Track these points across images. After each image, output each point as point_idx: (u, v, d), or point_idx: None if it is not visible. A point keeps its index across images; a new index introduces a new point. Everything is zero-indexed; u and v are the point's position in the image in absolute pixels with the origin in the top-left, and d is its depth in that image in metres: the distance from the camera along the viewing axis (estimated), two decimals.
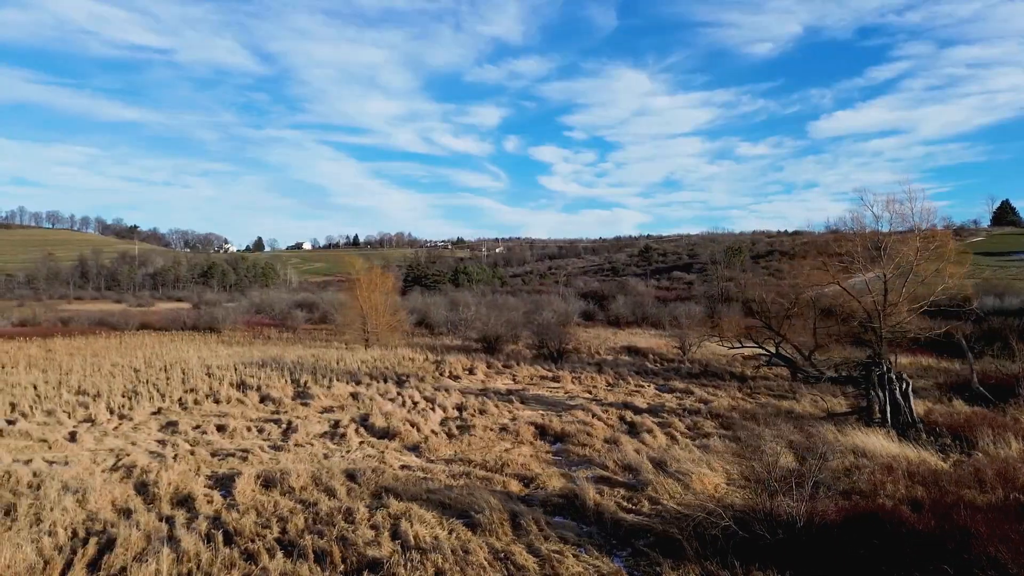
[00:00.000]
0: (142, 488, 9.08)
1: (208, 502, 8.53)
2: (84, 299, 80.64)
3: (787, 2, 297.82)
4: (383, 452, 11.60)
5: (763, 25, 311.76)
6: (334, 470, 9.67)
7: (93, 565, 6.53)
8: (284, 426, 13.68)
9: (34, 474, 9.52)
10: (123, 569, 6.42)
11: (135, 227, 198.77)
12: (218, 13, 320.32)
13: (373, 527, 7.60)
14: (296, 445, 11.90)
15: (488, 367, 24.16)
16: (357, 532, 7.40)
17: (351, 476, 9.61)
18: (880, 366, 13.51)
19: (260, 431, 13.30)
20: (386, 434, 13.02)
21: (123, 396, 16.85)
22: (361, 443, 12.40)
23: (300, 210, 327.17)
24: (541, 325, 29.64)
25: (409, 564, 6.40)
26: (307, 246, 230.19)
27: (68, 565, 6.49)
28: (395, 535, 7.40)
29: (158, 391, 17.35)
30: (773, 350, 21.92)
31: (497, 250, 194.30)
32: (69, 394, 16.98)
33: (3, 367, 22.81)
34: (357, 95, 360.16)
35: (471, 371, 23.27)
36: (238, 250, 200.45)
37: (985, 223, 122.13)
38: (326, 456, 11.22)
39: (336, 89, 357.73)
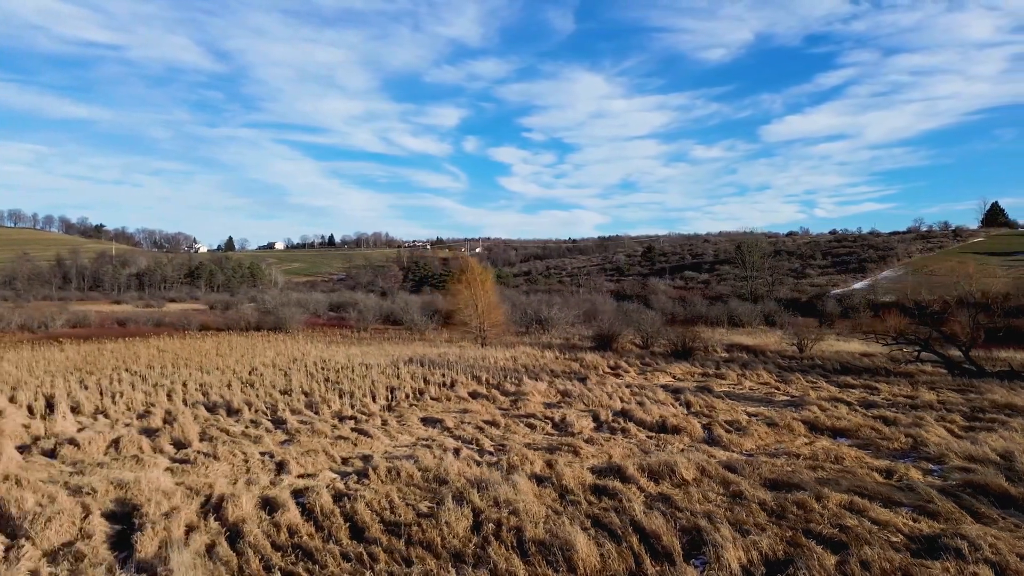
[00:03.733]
0: (541, 480, 9.07)
1: (632, 493, 8.55)
2: (70, 300, 75.70)
3: (739, 9, 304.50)
4: (690, 446, 11.67)
5: (716, 31, 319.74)
6: (712, 462, 9.72)
7: (638, 557, 6.56)
8: (548, 421, 13.69)
9: (420, 469, 9.48)
10: (686, 558, 6.48)
11: (101, 226, 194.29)
12: (172, 10, 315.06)
13: (843, 516, 7.68)
14: (605, 440, 11.92)
15: (628, 364, 24.24)
16: (844, 521, 7.49)
17: (729, 468, 9.66)
18: None
19: (531, 427, 13.28)
20: (662, 428, 13.07)
21: (330, 393, 16.73)
22: (649, 437, 12.44)
23: (255, 210, 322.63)
24: (654, 323, 29.90)
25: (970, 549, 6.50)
26: (279, 246, 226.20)
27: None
28: (874, 523, 7.51)
29: (361, 390, 17.25)
30: (922, 346, 22.29)
31: (476, 250, 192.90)
32: (275, 392, 16.85)
33: (151, 368, 22.55)
34: (314, 94, 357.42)
35: (616, 367, 23.36)
36: (209, 249, 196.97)
37: (958, 222, 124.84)
38: (643, 451, 11.27)
39: (293, 88, 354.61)
